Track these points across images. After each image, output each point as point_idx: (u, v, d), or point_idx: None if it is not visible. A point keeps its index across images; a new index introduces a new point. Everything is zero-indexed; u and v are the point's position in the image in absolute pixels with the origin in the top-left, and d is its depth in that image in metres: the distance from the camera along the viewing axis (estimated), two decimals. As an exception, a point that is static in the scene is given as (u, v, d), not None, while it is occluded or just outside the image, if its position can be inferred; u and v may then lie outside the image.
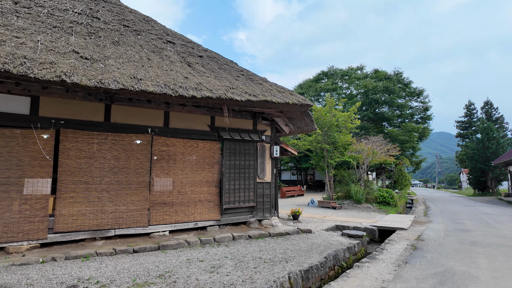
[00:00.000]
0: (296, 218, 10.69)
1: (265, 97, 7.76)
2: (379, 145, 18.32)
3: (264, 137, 9.33)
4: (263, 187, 9.16)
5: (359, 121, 17.11)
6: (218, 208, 8.23)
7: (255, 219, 8.79)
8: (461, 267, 5.22)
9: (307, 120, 9.66)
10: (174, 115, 7.92)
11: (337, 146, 16.82)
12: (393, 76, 30.78)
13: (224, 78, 7.97)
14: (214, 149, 8.41)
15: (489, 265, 5.31)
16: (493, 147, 35.32)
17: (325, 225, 10.12)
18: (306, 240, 7.59)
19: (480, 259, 5.70)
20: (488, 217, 13.05)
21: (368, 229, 9.77)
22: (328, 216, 12.55)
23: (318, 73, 34.90)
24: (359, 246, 7.81)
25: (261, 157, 9.18)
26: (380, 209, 15.14)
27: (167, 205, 7.48)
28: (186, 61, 8.15)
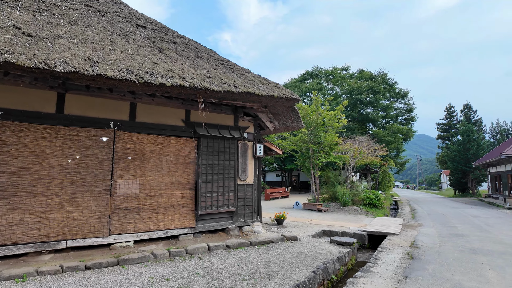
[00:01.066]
0: (281, 223, 9.86)
1: (247, 88, 6.89)
2: (366, 145, 17.81)
3: (246, 134, 8.45)
4: (244, 190, 8.27)
5: (346, 121, 16.53)
6: (192, 214, 7.28)
7: (235, 226, 7.89)
8: (470, 283, 4.52)
9: (293, 116, 8.86)
10: (142, 108, 6.91)
11: (323, 146, 16.16)
12: (378, 77, 30.61)
13: (200, 67, 7.04)
14: (189, 147, 7.45)
15: (499, 280, 4.64)
16: (473, 149, 35.87)
17: (311, 230, 9.34)
18: (291, 249, 6.75)
19: (487, 272, 5.03)
20: (477, 219, 12.67)
21: (357, 234, 9.07)
22: (314, 220, 11.80)
23: (303, 73, 34.39)
24: (349, 255, 7.05)
25: (242, 157, 8.29)
26: (367, 212, 14.56)
27: (132, 211, 6.46)
28: (157, 46, 7.17)
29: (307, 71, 33.96)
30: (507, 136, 46.89)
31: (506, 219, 12.87)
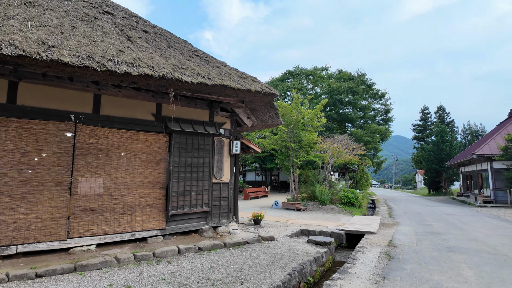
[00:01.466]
0: (258, 222, 9.56)
1: (223, 81, 6.52)
2: (345, 144, 17.86)
3: (222, 130, 8.08)
4: (220, 189, 7.90)
5: (325, 120, 16.48)
6: (163, 214, 6.82)
7: (209, 227, 7.50)
8: (449, 283, 4.39)
9: (271, 112, 8.57)
10: (107, 100, 6.39)
11: (302, 144, 16.02)
12: (357, 77, 31.02)
13: (172, 57, 6.60)
14: (160, 143, 6.99)
15: (478, 279, 4.54)
16: (447, 149, 37.14)
17: (289, 230, 9.10)
18: (267, 251, 6.45)
19: (465, 271, 4.94)
20: (451, 217, 12.91)
21: (335, 233, 8.92)
22: (292, 219, 11.59)
23: (284, 72, 34.35)
24: (327, 255, 6.84)
25: (218, 154, 7.91)
26: (345, 211, 14.55)
27: (94, 212, 5.94)
28: (126, 34, 6.66)
29: (288, 70, 33.93)
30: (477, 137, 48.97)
31: (478, 216, 13.21)
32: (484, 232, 8.86)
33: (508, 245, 7.06)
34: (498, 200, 19.98)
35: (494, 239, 7.85)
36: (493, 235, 8.46)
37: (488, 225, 10.49)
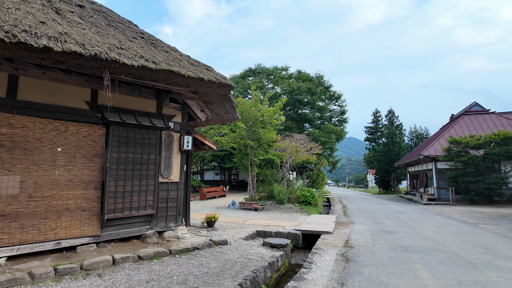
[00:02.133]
0: (212, 225, 8.90)
1: (170, 67, 5.77)
2: (303, 143, 17.85)
3: (172, 124, 7.29)
4: (168, 189, 7.11)
5: (284, 118, 16.28)
6: (97, 219, 5.88)
7: (154, 232, 6.68)
8: (408, 287, 4.15)
9: (227, 106, 7.97)
10: (27, 83, 5.31)
11: (261, 143, 15.65)
12: (315, 79, 31.60)
13: (111, 36, 5.70)
14: (95, 136, 6.03)
15: (435, 281, 4.39)
16: (396, 150, 39.50)
17: (244, 231, 8.58)
18: (218, 257, 5.85)
19: (421, 272, 4.79)
20: (402, 215, 13.37)
21: (291, 234, 8.59)
22: (249, 220, 11.10)
23: (245, 69, 33.91)
24: (282, 258, 6.42)
25: (166, 150, 7.11)
26: (302, 209, 14.44)
27: (6, 217, 4.86)
28: (54, 6, 5.62)
29: (249, 68, 33.55)
30: (422, 139, 52.88)
31: (426, 214, 13.86)
32: (434, 230, 9.13)
33: (457, 242, 7.23)
34: (441, 198, 21.45)
35: (443, 236, 8.06)
36: (441, 232, 8.72)
37: (435, 222, 10.93)
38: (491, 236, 8.02)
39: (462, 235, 8.28)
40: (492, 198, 19.09)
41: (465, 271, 4.85)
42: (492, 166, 18.98)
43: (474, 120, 25.17)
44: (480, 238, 7.74)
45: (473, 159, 18.88)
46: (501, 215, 13.21)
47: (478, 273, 4.74)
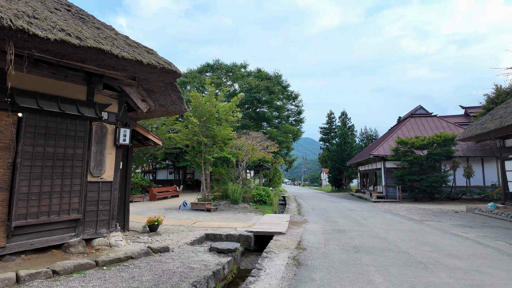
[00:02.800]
0: (154, 229, 8.03)
1: (100, 44, 4.88)
2: (260, 141, 17.47)
3: (106, 114, 6.33)
4: (99, 189, 6.13)
5: (241, 115, 15.73)
6: (2, 226, 4.77)
7: (80, 239, 5.69)
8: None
9: (173, 96, 7.17)
10: None
11: (216, 140, 14.92)
12: (273, 78, 31.58)
13: (23, 3, 4.65)
14: (2, 125, 4.90)
15: (388, 285, 4.12)
16: (348, 150, 41.20)
17: (192, 235, 7.86)
18: (156, 267, 5.09)
19: (374, 276, 4.53)
20: (353, 213, 13.56)
21: (243, 236, 8.05)
22: (199, 222, 10.36)
23: (203, 64, 32.77)
24: (230, 265, 5.84)
25: (98, 144, 6.13)
26: (257, 209, 14.03)
27: None
28: None
29: (207, 63, 32.47)
30: (372, 140, 55.91)
31: (375, 212, 14.24)
32: (384, 228, 9.21)
33: (406, 240, 7.26)
34: (389, 196, 22.53)
35: (393, 234, 8.10)
36: (391, 230, 8.80)
37: (385, 220, 11.16)
38: (436, 233, 8.24)
39: (410, 232, 8.41)
40: (433, 195, 20.46)
41: (417, 272, 4.69)
42: (434, 166, 20.32)
43: (419, 122, 26.95)
44: (427, 235, 7.89)
45: (418, 158, 20.04)
46: (442, 212, 14.03)
47: (429, 274, 4.60)
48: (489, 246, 6.57)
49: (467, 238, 7.56)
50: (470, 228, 9.13)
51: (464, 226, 9.55)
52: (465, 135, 14.06)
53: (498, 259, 5.49)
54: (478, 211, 13.08)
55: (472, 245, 6.71)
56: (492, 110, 13.49)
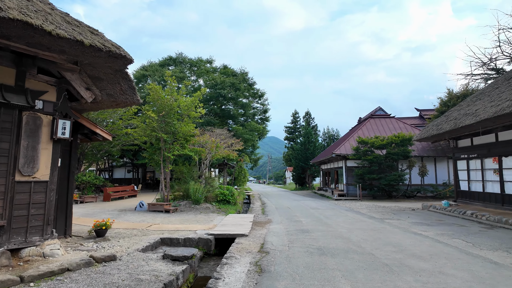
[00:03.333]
0: (102, 234, 7.18)
1: (27, 17, 4.05)
2: (224, 138, 16.88)
3: (40, 103, 5.41)
4: (30, 190, 5.22)
5: (204, 110, 15.02)
6: None
7: (3, 250, 4.77)
8: (327, 306, 3.48)
9: (124, 85, 6.39)
10: None
11: (177, 137, 14.08)
12: (240, 75, 31.05)
13: None
14: None
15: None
16: (311, 149, 41.99)
17: (145, 240, 7.13)
18: (97, 280, 4.37)
19: (340, 282, 4.24)
20: (317, 212, 13.52)
21: (202, 239, 7.49)
22: (156, 225, 9.59)
23: (165, 57, 31.24)
24: (185, 274, 5.26)
25: (30, 137, 5.22)
26: (220, 209, 13.48)
27: None
28: None
29: (170, 56, 31.00)
30: (334, 140, 57.64)
31: (337, 210, 14.35)
32: (346, 227, 9.14)
33: (369, 240, 7.17)
34: (349, 194, 23.11)
35: (356, 234, 8.01)
36: (354, 229, 8.74)
37: (347, 218, 11.18)
38: (397, 232, 8.30)
39: (372, 231, 8.39)
40: (391, 193, 21.30)
41: (383, 276, 4.48)
42: (392, 165, 21.14)
43: (378, 123, 28.01)
44: (389, 235, 7.90)
45: (377, 158, 20.72)
46: (400, 209, 14.51)
47: (395, 278, 4.42)
48: (448, 245, 6.66)
49: (426, 236, 7.67)
50: (428, 226, 9.37)
51: (422, 224, 9.81)
52: (422, 135, 14.66)
53: (458, 258, 5.51)
54: (433, 209, 13.68)
55: (432, 244, 6.77)
56: (446, 112, 14.19)
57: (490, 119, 9.46)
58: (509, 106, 8.73)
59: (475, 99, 12.38)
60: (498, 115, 9.00)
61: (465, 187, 13.50)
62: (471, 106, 11.86)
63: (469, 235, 7.77)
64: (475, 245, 6.60)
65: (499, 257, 5.60)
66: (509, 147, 10.63)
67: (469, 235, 7.76)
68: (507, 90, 10.13)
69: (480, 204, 12.18)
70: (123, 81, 6.27)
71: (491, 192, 11.68)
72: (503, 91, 10.43)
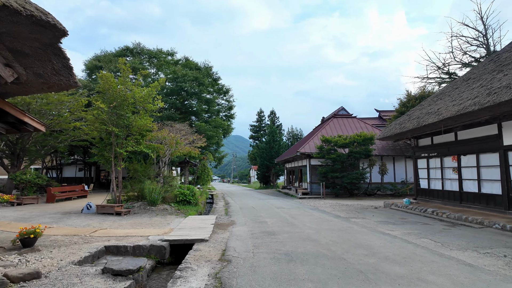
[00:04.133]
0: (31, 244, 5.95)
1: None
2: (185, 134, 15.78)
3: None
4: None
5: (163, 103, 13.85)
6: None
7: None
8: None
9: (57, 63, 5.24)
10: None
11: (132, 131, 12.80)
12: (203, 69, 29.82)
13: None
14: None
15: (332, 312, 3.23)
16: (276, 147, 41.96)
17: (86, 249, 6.04)
18: (3, 310, 3.33)
19: (314, 297, 3.62)
20: (282, 211, 13.04)
21: (155, 247, 6.56)
22: (102, 230, 8.40)
23: (122, 47, 29.02)
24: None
25: None
26: (179, 211, 12.46)
27: None
28: None
29: (126, 46, 28.81)
30: (297, 139, 58.37)
31: (302, 209, 14.00)
32: (314, 228, 8.70)
33: (339, 242, 6.73)
34: (313, 192, 23.11)
35: (324, 235, 7.56)
36: (321, 230, 8.32)
37: (313, 218, 10.80)
38: (365, 232, 8.00)
39: (340, 232, 8.01)
40: (353, 191, 21.61)
41: (360, 287, 3.95)
42: (354, 163, 21.45)
43: (341, 122, 28.47)
44: (357, 235, 7.55)
45: (340, 156, 20.88)
46: (363, 207, 14.55)
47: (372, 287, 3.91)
48: (418, 246, 6.41)
49: (395, 236, 7.42)
50: (393, 225, 9.24)
51: (388, 222, 9.68)
52: (385, 134, 14.82)
53: (432, 261, 5.21)
54: (394, 207, 13.85)
55: (403, 245, 6.48)
56: (408, 112, 14.47)
57: (452, 117, 9.58)
58: (471, 105, 8.86)
59: (436, 99, 12.69)
60: (461, 113, 9.12)
61: (425, 185, 13.84)
62: (432, 105, 12.10)
63: (435, 234, 7.67)
64: (444, 245, 6.43)
65: (471, 258, 5.39)
66: (468, 146, 10.95)
67: (435, 234, 7.66)
68: (467, 90, 10.39)
69: (440, 202, 12.51)
70: (55, 58, 5.12)
71: (450, 190, 12.01)
72: (463, 91, 10.70)
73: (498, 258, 5.42)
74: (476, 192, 10.62)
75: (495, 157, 9.71)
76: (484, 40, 24.41)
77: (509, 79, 8.32)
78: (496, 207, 9.69)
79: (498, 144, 9.53)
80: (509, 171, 9.20)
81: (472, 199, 10.80)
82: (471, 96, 9.40)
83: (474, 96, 9.20)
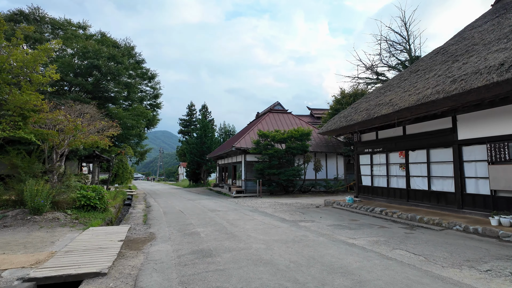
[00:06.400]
0: None
1: None
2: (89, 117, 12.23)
3: None
4: None
5: (58, 75, 10.24)
6: None
7: None
8: None
9: None
10: None
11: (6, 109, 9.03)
12: (123, 47, 25.44)
13: None
14: None
15: None
16: (208, 143, 39.35)
17: None
18: None
19: None
20: (217, 216, 10.80)
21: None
22: None
23: (13, 10, 22.74)
24: None
25: None
26: (77, 220, 9.24)
27: None
28: None
29: (20, 10, 22.69)
30: (230, 136, 56.57)
31: (241, 211, 12.00)
32: (262, 240, 6.72)
33: (304, 265, 4.86)
34: (248, 190, 21.42)
35: (279, 253, 5.63)
36: (272, 243, 6.39)
37: (257, 224, 8.89)
38: (326, 244, 6.36)
39: (297, 246, 6.20)
40: (288, 188, 20.58)
41: None
42: (291, 159, 20.41)
43: (277, 117, 27.47)
44: (321, 250, 5.84)
45: (278, 152, 19.59)
46: (304, 206, 13.28)
47: None
48: (403, 264, 4.93)
49: (364, 249, 5.91)
50: (350, 230, 7.87)
51: (342, 227, 8.32)
52: (328, 127, 13.79)
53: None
54: (337, 205, 12.89)
55: (384, 263, 4.94)
56: (353, 104, 13.69)
57: (410, 107, 8.71)
58: (433, 93, 8.04)
59: (383, 91, 12.04)
60: (421, 103, 8.25)
61: (367, 182, 13.20)
62: (381, 97, 11.35)
63: (403, 242, 6.43)
64: (429, 260, 5.09)
65: (479, 281, 4.05)
66: (417, 141, 10.38)
67: (404, 242, 6.43)
68: (421, 81, 9.75)
69: (384, 200, 11.89)
70: None
71: (396, 187, 11.42)
72: (416, 82, 10.05)
73: (506, 277, 4.21)
74: (425, 190, 10.08)
75: (448, 152, 9.20)
76: (407, 45, 26.04)
77: (472, 66, 7.69)
78: (448, 205, 9.18)
79: (452, 139, 9.01)
80: (463, 167, 8.72)
81: (420, 197, 10.26)
82: (430, 85, 8.65)
83: (434, 85, 8.44)
